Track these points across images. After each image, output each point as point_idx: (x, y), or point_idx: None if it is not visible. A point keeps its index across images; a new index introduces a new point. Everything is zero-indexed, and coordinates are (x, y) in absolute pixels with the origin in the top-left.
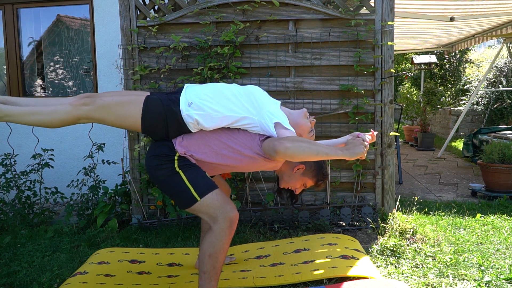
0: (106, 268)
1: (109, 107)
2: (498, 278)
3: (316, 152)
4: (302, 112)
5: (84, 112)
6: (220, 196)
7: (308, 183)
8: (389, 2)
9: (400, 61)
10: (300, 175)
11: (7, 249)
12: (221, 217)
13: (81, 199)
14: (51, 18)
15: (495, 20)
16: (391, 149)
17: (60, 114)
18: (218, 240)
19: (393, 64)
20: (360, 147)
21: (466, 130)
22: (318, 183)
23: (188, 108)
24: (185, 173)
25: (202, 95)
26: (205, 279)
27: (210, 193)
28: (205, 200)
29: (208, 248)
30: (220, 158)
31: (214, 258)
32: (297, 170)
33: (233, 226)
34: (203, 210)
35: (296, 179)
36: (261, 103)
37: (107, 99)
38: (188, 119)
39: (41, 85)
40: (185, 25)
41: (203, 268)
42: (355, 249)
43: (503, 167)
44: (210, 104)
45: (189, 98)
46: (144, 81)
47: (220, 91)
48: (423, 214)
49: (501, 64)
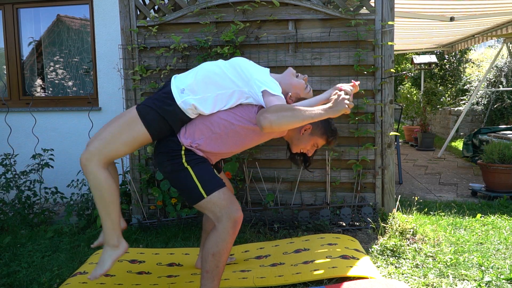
0: None
1: (111, 141)
2: (498, 278)
3: (302, 118)
4: (289, 72)
5: (97, 160)
6: (227, 196)
7: (319, 142)
8: (389, 2)
9: (400, 61)
10: (309, 135)
11: (7, 249)
12: (225, 217)
13: (81, 199)
14: (51, 18)
15: (495, 20)
16: (391, 149)
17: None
18: (222, 239)
19: (393, 64)
20: (343, 103)
21: (466, 130)
22: (329, 140)
23: (182, 95)
24: (193, 169)
25: (190, 79)
26: (208, 278)
27: (217, 191)
28: (211, 198)
29: (212, 247)
30: (226, 138)
31: (217, 257)
32: (304, 132)
33: (237, 227)
34: (208, 208)
35: (306, 141)
36: (248, 73)
37: (103, 135)
38: (185, 106)
39: (41, 85)
40: (185, 25)
41: (206, 267)
42: (355, 249)
43: (503, 167)
44: (200, 85)
45: (180, 85)
46: (144, 81)
47: (206, 70)
48: (423, 214)
49: (501, 64)
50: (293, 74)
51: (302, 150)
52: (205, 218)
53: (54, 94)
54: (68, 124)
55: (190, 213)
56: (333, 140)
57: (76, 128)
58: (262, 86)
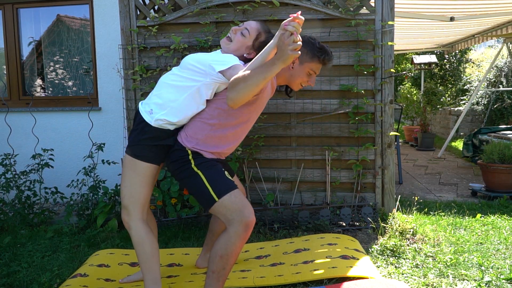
0: (106, 272)
1: (132, 191)
2: (498, 278)
3: (256, 83)
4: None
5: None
6: (238, 199)
7: (313, 68)
8: (389, 2)
9: (400, 61)
10: (299, 66)
11: (7, 249)
12: (237, 221)
13: (81, 199)
14: (51, 18)
15: (495, 20)
16: (391, 149)
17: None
18: (232, 243)
19: (393, 64)
20: (287, 49)
21: (466, 130)
22: (323, 60)
23: (152, 115)
24: (204, 174)
25: (153, 98)
26: (213, 278)
27: (228, 194)
28: (223, 201)
29: (221, 249)
30: (224, 123)
31: (225, 260)
32: (292, 65)
33: (248, 231)
34: (220, 212)
35: (300, 73)
36: (200, 64)
37: (123, 192)
38: (160, 123)
39: (41, 85)
40: (185, 25)
41: (212, 268)
42: (355, 249)
43: (503, 167)
44: (163, 97)
45: (147, 108)
46: (144, 81)
47: (163, 81)
48: (423, 214)
49: (501, 64)
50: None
51: (302, 84)
52: (213, 219)
53: (54, 94)
54: (68, 124)
55: (190, 213)
56: (326, 58)
57: (76, 128)
58: (216, 67)
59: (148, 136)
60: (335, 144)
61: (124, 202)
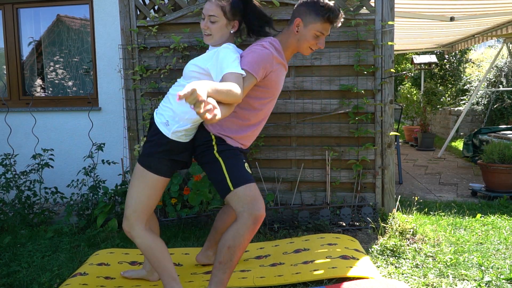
0: (106, 270)
1: (138, 201)
2: (498, 278)
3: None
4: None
5: (137, 224)
6: (253, 192)
7: (320, 28)
8: (389, 2)
9: (400, 61)
10: (304, 28)
11: (7, 249)
12: (247, 213)
13: (81, 199)
14: (51, 18)
15: (495, 20)
16: (391, 149)
17: (141, 242)
18: (240, 235)
19: (393, 64)
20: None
21: (466, 130)
22: (328, 18)
23: (169, 127)
24: (224, 162)
25: (167, 110)
26: (220, 269)
27: (243, 186)
28: (237, 191)
29: (229, 240)
30: (245, 108)
31: (232, 251)
32: (296, 28)
33: (257, 224)
34: (233, 202)
35: (306, 35)
36: (202, 65)
37: (128, 202)
38: (178, 135)
39: (41, 85)
40: (185, 25)
41: (220, 258)
42: (355, 249)
43: (503, 167)
44: (177, 110)
45: (162, 119)
46: (144, 81)
47: (173, 94)
48: (423, 214)
49: (501, 64)
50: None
51: (312, 47)
52: (218, 217)
53: (54, 94)
54: (68, 124)
55: (190, 213)
56: (332, 16)
57: (76, 128)
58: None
59: (163, 149)
60: (335, 144)
61: (127, 213)
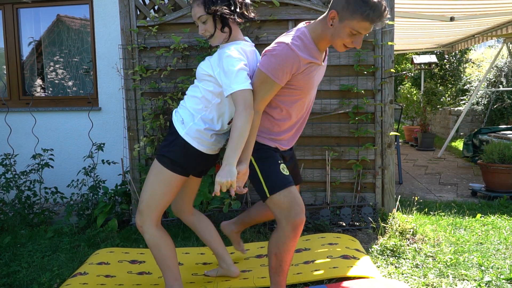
0: (106, 268)
1: (152, 198)
2: (498, 278)
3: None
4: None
5: (149, 219)
6: (288, 198)
7: (356, 26)
8: (389, 2)
9: (400, 61)
10: (339, 23)
11: (7, 249)
12: (285, 221)
13: (81, 199)
14: (51, 18)
15: (495, 20)
16: (391, 149)
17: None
18: (283, 242)
19: (393, 64)
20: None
21: (466, 130)
22: (368, 17)
23: (183, 126)
24: (258, 166)
25: (184, 107)
26: (273, 273)
27: (278, 193)
28: (273, 198)
29: (274, 247)
30: (272, 106)
31: (280, 258)
32: (331, 21)
33: (297, 231)
34: (272, 208)
35: (340, 32)
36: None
37: (143, 197)
38: (196, 135)
39: (41, 85)
40: (185, 25)
41: (271, 264)
42: (356, 249)
43: (503, 167)
44: (191, 106)
45: (178, 118)
46: (144, 81)
47: (191, 92)
48: (423, 214)
49: (501, 64)
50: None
51: (346, 44)
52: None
53: (54, 94)
54: (68, 124)
55: None
56: (373, 15)
57: (76, 128)
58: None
59: (179, 149)
60: (335, 144)
61: (141, 207)
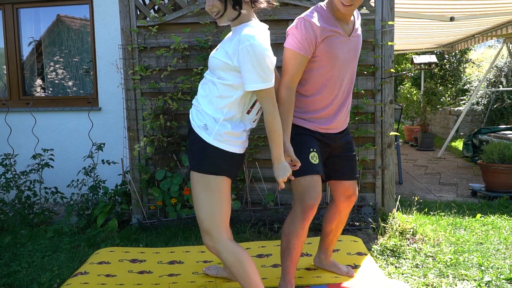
0: (106, 268)
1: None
2: (498, 278)
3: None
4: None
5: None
6: (308, 183)
7: None
8: (389, 2)
9: (400, 61)
10: None
11: (7, 249)
12: (298, 202)
13: (81, 199)
14: (51, 18)
15: (495, 20)
16: (391, 149)
17: (229, 255)
18: (292, 222)
19: (393, 64)
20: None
21: (466, 130)
22: None
23: (208, 132)
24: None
25: (201, 111)
26: (282, 257)
27: (300, 177)
28: (295, 181)
29: (285, 227)
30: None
31: (287, 238)
32: None
33: (307, 214)
34: (292, 189)
35: None
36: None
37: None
38: (226, 137)
39: (41, 85)
40: (185, 25)
41: (282, 246)
42: (358, 253)
43: (503, 167)
44: (213, 106)
45: (200, 122)
46: (144, 81)
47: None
48: (423, 214)
49: (501, 64)
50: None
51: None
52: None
53: (54, 94)
54: (68, 124)
55: (190, 213)
56: None
57: (76, 128)
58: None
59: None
60: None
61: (205, 227)
